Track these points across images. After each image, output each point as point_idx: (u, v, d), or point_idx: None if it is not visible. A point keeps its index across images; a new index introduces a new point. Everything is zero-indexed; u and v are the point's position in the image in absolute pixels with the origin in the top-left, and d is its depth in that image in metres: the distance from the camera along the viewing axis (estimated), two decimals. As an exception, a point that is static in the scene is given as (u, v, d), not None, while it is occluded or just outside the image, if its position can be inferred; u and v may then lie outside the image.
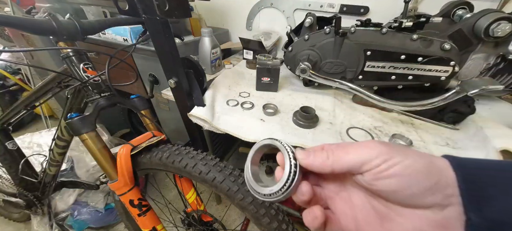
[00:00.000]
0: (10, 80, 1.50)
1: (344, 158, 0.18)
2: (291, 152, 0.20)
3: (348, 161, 0.18)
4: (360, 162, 0.18)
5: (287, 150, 0.21)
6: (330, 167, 0.19)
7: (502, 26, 0.47)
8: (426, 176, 0.16)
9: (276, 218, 0.44)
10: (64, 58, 0.48)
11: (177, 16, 0.45)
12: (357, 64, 0.61)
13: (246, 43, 0.86)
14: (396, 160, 0.17)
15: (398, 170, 0.16)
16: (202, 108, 0.58)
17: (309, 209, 0.21)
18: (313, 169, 0.20)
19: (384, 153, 0.17)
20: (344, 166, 0.18)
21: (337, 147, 0.19)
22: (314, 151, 0.20)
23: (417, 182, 0.16)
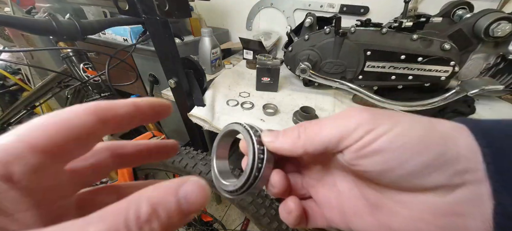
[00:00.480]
0: (10, 80, 1.50)
1: (318, 134, 0.14)
2: (256, 136, 0.17)
3: (322, 138, 0.14)
4: (336, 136, 0.14)
5: (250, 133, 0.17)
6: (302, 148, 0.15)
7: (502, 26, 0.47)
8: (424, 147, 0.12)
9: (276, 218, 0.44)
10: (64, 58, 0.48)
11: (177, 16, 0.45)
12: (357, 64, 0.61)
13: (246, 43, 0.86)
14: (382, 129, 0.13)
15: (385, 143, 0.13)
16: (202, 108, 0.58)
17: (283, 203, 0.18)
18: (283, 153, 0.16)
19: (367, 122, 0.13)
20: (319, 145, 0.14)
21: (311, 123, 0.16)
22: (284, 131, 0.17)
23: (412, 156, 0.12)
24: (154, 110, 0.14)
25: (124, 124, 0.13)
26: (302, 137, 0.15)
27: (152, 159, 0.17)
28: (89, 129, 0.11)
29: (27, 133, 0.10)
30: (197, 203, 0.10)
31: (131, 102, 0.13)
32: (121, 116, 0.12)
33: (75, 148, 0.11)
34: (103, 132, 0.12)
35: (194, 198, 0.10)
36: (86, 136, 0.11)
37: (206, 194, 0.11)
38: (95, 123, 0.11)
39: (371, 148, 0.13)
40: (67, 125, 0.10)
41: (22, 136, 0.09)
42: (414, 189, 0.13)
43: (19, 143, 0.09)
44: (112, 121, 0.12)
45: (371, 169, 0.13)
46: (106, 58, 0.51)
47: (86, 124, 0.11)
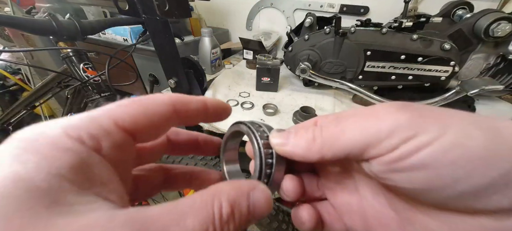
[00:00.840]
0: (10, 80, 1.50)
1: (339, 139, 0.12)
2: (263, 138, 0.14)
3: (344, 144, 0.12)
4: (362, 143, 0.11)
5: (256, 135, 0.14)
6: (318, 154, 0.12)
7: (502, 26, 0.47)
8: (486, 163, 0.09)
9: (276, 218, 0.44)
10: (64, 58, 0.48)
11: (177, 16, 0.45)
12: (357, 64, 0.61)
13: (246, 43, 0.86)
14: (426, 136, 0.10)
15: (431, 156, 0.10)
16: (202, 108, 0.58)
17: (295, 211, 0.16)
18: (295, 158, 0.13)
19: (405, 125, 0.10)
20: (339, 151, 0.12)
21: (329, 121, 0.13)
22: (296, 130, 0.14)
23: (468, 174, 0.09)
24: (217, 111, 0.15)
25: (192, 118, 0.14)
26: (318, 140, 0.13)
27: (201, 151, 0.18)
28: (166, 117, 0.12)
29: (114, 112, 0.10)
30: (261, 213, 0.11)
31: (202, 100, 0.14)
32: (192, 110, 0.13)
33: (151, 132, 0.12)
34: (176, 122, 0.13)
35: (260, 207, 0.11)
36: (162, 123, 0.12)
37: (270, 207, 0.11)
38: (171, 112, 0.12)
39: (410, 161, 0.10)
40: (149, 110, 0.11)
41: (110, 114, 0.10)
42: (463, 211, 0.10)
43: (107, 120, 0.10)
44: (184, 114, 0.13)
45: (408, 186, 0.11)
46: (106, 58, 0.51)
47: (164, 112, 0.12)
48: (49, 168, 0.08)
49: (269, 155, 0.14)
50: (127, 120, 0.11)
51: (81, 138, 0.09)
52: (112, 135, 0.10)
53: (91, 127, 0.10)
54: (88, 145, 0.09)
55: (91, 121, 0.10)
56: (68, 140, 0.09)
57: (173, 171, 0.17)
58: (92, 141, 0.09)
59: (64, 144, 0.09)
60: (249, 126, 0.15)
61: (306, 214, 0.15)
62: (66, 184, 0.08)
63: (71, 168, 0.08)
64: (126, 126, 0.10)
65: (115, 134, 0.10)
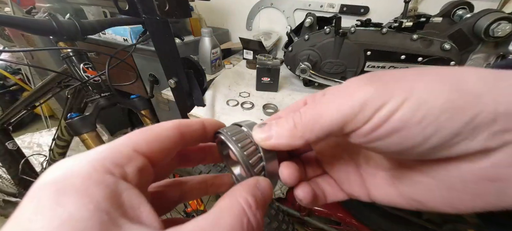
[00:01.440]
0: (10, 80, 1.50)
1: (317, 121, 0.12)
2: (240, 140, 0.15)
3: (324, 124, 0.12)
4: (339, 121, 0.12)
5: (232, 142, 0.15)
6: (302, 138, 0.13)
7: (502, 26, 0.47)
8: (451, 115, 0.10)
9: (276, 218, 0.44)
10: (64, 58, 0.48)
11: (177, 16, 0.45)
12: (357, 64, 0.61)
13: (246, 43, 0.86)
14: (394, 102, 0.10)
15: (401, 121, 0.10)
16: (202, 108, 0.58)
17: (294, 190, 0.17)
18: (281, 148, 0.14)
19: (373, 97, 0.11)
20: (320, 132, 0.12)
21: (307, 106, 0.13)
22: (277, 121, 0.14)
23: (436, 129, 0.10)
24: (214, 130, 0.16)
25: (194, 139, 0.15)
26: (299, 126, 0.13)
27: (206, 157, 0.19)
28: (174, 140, 0.13)
29: (132, 140, 0.12)
30: (269, 196, 0.13)
31: (200, 121, 0.15)
32: (194, 132, 0.15)
33: (164, 154, 0.13)
34: (182, 144, 0.14)
35: (267, 192, 0.13)
36: (171, 146, 0.13)
37: (272, 190, 0.14)
38: (178, 136, 0.13)
39: (384, 129, 0.11)
40: (160, 136, 0.13)
41: (129, 142, 0.11)
42: (441, 159, 0.11)
43: (127, 147, 0.11)
44: (188, 135, 0.14)
45: (387, 150, 0.12)
46: (106, 58, 0.51)
47: (172, 136, 0.13)
48: (88, 205, 0.08)
49: (253, 154, 0.15)
50: (144, 146, 0.12)
51: (108, 168, 0.10)
52: (134, 160, 0.11)
53: (114, 156, 0.10)
54: (115, 174, 0.10)
55: (113, 151, 0.11)
56: (96, 172, 0.09)
57: (188, 183, 0.18)
58: (118, 169, 0.10)
59: (95, 177, 0.09)
60: (225, 133, 0.15)
61: (301, 192, 0.16)
62: (106, 218, 0.08)
63: (107, 200, 0.09)
64: (144, 151, 0.12)
65: (135, 160, 0.11)
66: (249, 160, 0.14)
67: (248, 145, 0.15)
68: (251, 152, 0.15)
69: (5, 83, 1.49)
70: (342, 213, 0.80)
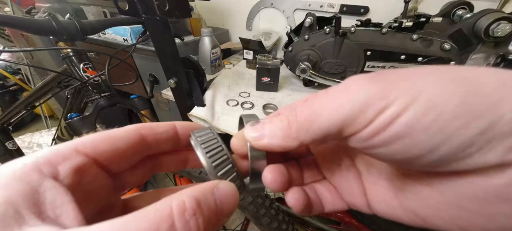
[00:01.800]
0: (10, 80, 1.50)
1: (314, 122, 0.11)
2: (212, 148, 0.14)
3: (321, 125, 0.11)
4: (337, 123, 0.11)
5: (202, 147, 0.13)
6: (296, 140, 0.12)
7: (502, 26, 0.47)
8: (465, 121, 0.08)
9: (276, 218, 0.44)
10: (64, 58, 0.48)
11: (177, 16, 0.45)
12: (357, 64, 0.61)
13: (246, 43, 0.86)
14: (399, 104, 0.09)
15: (406, 125, 0.09)
16: (202, 108, 0.58)
17: (286, 195, 0.15)
18: (273, 150, 0.13)
19: (376, 97, 0.10)
20: (317, 134, 0.11)
21: (303, 105, 0.12)
22: (270, 119, 0.13)
23: (447, 136, 0.09)
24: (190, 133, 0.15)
25: (162, 142, 0.14)
26: (294, 126, 0.12)
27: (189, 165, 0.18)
28: (132, 142, 0.13)
29: (77, 140, 0.11)
30: (230, 204, 0.11)
31: (171, 124, 0.15)
32: (160, 135, 0.14)
33: (121, 157, 0.12)
34: (144, 147, 0.13)
35: (227, 199, 0.11)
36: (126, 148, 0.12)
37: (237, 198, 0.12)
38: (137, 138, 0.13)
39: (387, 134, 0.10)
40: (112, 136, 0.12)
41: (73, 142, 0.11)
42: (451, 172, 0.10)
43: (67, 147, 0.11)
44: (152, 138, 0.13)
45: (389, 158, 0.10)
46: (106, 58, 0.51)
47: (128, 137, 0.12)
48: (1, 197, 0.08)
49: (223, 164, 0.14)
50: (88, 146, 0.11)
51: (38, 166, 0.10)
52: (70, 160, 0.11)
53: (51, 155, 0.10)
54: (44, 172, 0.10)
55: (52, 150, 0.11)
56: (23, 169, 0.09)
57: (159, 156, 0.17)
58: (49, 168, 0.10)
59: (19, 173, 0.09)
60: (195, 139, 0.14)
61: (290, 198, 0.15)
62: (11, 212, 0.08)
63: (21, 195, 0.09)
64: (87, 151, 0.11)
65: (72, 159, 0.11)
66: (218, 172, 0.13)
67: (218, 154, 0.14)
68: (220, 162, 0.13)
69: (5, 83, 1.49)
70: (342, 213, 0.80)
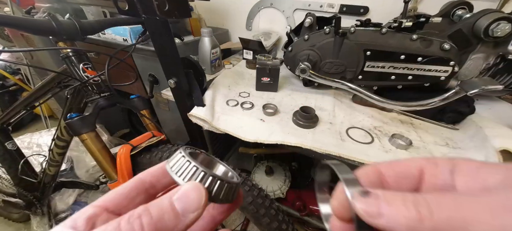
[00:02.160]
0: (10, 80, 1.50)
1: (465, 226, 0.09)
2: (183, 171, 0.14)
3: None
4: None
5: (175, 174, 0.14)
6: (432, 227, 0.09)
7: (501, 26, 0.47)
8: None
9: (276, 218, 0.44)
10: (63, 58, 0.48)
11: (177, 16, 0.45)
12: (357, 64, 0.61)
13: (246, 43, 0.86)
14: None
15: None
16: (202, 108, 0.58)
17: None
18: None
19: None
20: None
21: (443, 198, 0.10)
22: (387, 197, 0.11)
23: None
24: None
25: (161, 177, 0.16)
26: (428, 224, 0.09)
27: None
28: (134, 186, 0.15)
29: (98, 200, 0.14)
30: (190, 201, 0.12)
31: (164, 162, 0.16)
32: (155, 171, 0.16)
33: (125, 201, 0.15)
34: (146, 188, 0.16)
35: (186, 197, 0.12)
36: (131, 191, 0.15)
37: (200, 194, 0.13)
38: (137, 182, 0.15)
39: None
40: (117, 188, 0.15)
41: (92, 203, 0.14)
42: None
43: (87, 206, 0.14)
44: (150, 178, 0.16)
45: None
46: (105, 58, 0.51)
47: (130, 183, 0.15)
48: None
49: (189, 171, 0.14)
50: (100, 199, 0.14)
51: (68, 224, 0.12)
52: (85, 212, 0.13)
53: (76, 215, 0.13)
54: (67, 225, 0.12)
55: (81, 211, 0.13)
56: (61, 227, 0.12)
57: None
58: (70, 222, 0.12)
59: None
60: (169, 169, 0.15)
61: None
62: None
63: None
64: (98, 203, 0.14)
65: (86, 212, 0.13)
66: (183, 179, 0.14)
67: (186, 170, 0.14)
68: (190, 176, 0.14)
69: (5, 83, 1.49)
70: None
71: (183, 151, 0.15)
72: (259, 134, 0.52)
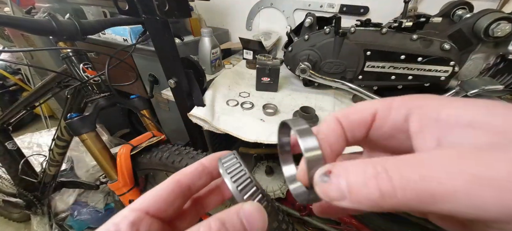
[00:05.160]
0: (10, 80, 1.50)
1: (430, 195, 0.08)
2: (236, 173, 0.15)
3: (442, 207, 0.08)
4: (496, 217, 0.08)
5: (227, 174, 0.15)
6: (397, 203, 0.09)
7: (501, 26, 0.47)
8: None
9: (276, 218, 0.44)
10: (64, 58, 0.48)
11: (177, 16, 0.45)
12: (357, 64, 0.61)
13: (246, 43, 0.86)
14: None
15: None
16: (202, 108, 0.58)
17: None
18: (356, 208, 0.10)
19: None
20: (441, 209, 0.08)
21: (405, 161, 0.09)
22: (350, 178, 0.10)
23: None
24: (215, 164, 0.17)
25: (196, 180, 0.16)
26: (392, 184, 0.09)
27: None
28: (171, 190, 0.15)
29: (134, 202, 0.14)
30: (257, 221, 0.12)
31: (198, 162, 0.16)
32: (192, 173, 0.16)
33: (162, 204, 0.14)
34: (183, 190, 0.15)
35: (253, 218, 0.12)
36: (167, 195, 0.14)
37: (264, 216, 0.12)
38: (175, 185, 0.15)
39: None
40: (156, 191, 0.14)
41: (131, 205, 0.14)
42: None
43: (128, 209, 0.13)
44: (187, 180, 0.15)
45: None
46: (106, 58, 0.51)
47: (168, 187, 0.15)
48: None
49: (247, 187, 0.14)
50: (140, 201, 0.14)
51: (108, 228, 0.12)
52: (126, 218, 0.13)
53: (117, 218, 0.13)
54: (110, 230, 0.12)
55: (121, 214, 0.13)
56: None
57: (201, 198, 0.18)
58: (113, 227, 0.12)
59: None
60: (222, 166, 0.15)
61: None
62: None
63: None
64: (139, 206, 0.14)
65: (128, 217, 0.13)
66: (243, 195, 0.14)
67: (242, 178, 0.15)
68: (244, 186, 0.14)
69: (5, 83, 1.49)
70: (342, 213, 0.81)
71: (239, 159, 0.15)
72: (259, 134, 0.52)
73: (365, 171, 0.09)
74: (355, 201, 0.09)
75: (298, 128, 0.13)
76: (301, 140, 0.12)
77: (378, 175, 0.09)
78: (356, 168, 0.10)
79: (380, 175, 0.09)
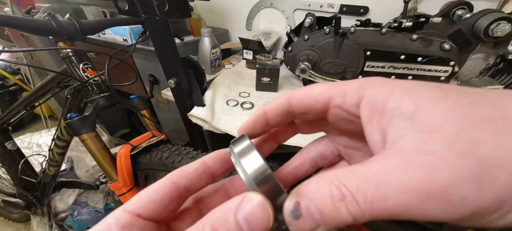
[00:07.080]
0: (10, 80, 1.50)
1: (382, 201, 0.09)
2: None
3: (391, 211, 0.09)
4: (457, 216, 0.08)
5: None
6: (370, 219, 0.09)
7: (501, 26, 0.47)
8: None
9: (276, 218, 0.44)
10: (63, 58, 0.48)
11: (177, 16, 0.45)
12: (357, 64, 0.61)
13: (246, 43, 0.86)
14: None
15: None
16: (202, 108, 0.58)
17: None
18: None
19: None
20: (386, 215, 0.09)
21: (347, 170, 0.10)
22: (320, 207, 0.10)
23: None
24: (223, 160, 0.16)
25: (195, 181, 0.15)
26: (360, 218, 0.09)
27: None
28: (167, 192, 0.14)
29: (125, 204, 0.13)
30: (258, 225, 0.10)
31: (199, 160, 0.15)
32: (190, 174, 0.15)
33: (159, 208, 0.14)
34: (180, 193, 0.14)
35: (255, 220, 0.10)
36: (165, 198, 0.14)
37: (268, 216, 0.10)
38: (171, 187, 0.14)
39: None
40: (149, 192, 0.14)
41: (122, 206, 0.13)
42: None
43: (119, 210, 0.13)
44: (185, 182, 0.14)
45: None
46: (105, 58, 0.51)
47: (163, 189, 0.14)
48: None
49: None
50: (131, 204, 0.13)
51: None
52: (119, 219, 0.13)
53: (109, 219, 0.13)
54: None
55: (113, 216, 0.13)
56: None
57: (202, 194, 0.17)
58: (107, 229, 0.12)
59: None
60: (235, 154, 0.13)
61: None
62: None
63: None
64: (131, 209, 0.13)
65: (119, 218, 0.13)
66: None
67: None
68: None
69: (5, 83, 1.49)
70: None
71: (253, 144, 0.13)
72: (259, 134, 0.52)
73: (331, 193, 0.10)
74: (330, 225, 0.10)
75: (235, 154, 0.13)
76: (242, 173, 0.12)
77: (345, 198, 0.09)
78: (321, 189, 0.10)
79: (347, 198, 0.09)
